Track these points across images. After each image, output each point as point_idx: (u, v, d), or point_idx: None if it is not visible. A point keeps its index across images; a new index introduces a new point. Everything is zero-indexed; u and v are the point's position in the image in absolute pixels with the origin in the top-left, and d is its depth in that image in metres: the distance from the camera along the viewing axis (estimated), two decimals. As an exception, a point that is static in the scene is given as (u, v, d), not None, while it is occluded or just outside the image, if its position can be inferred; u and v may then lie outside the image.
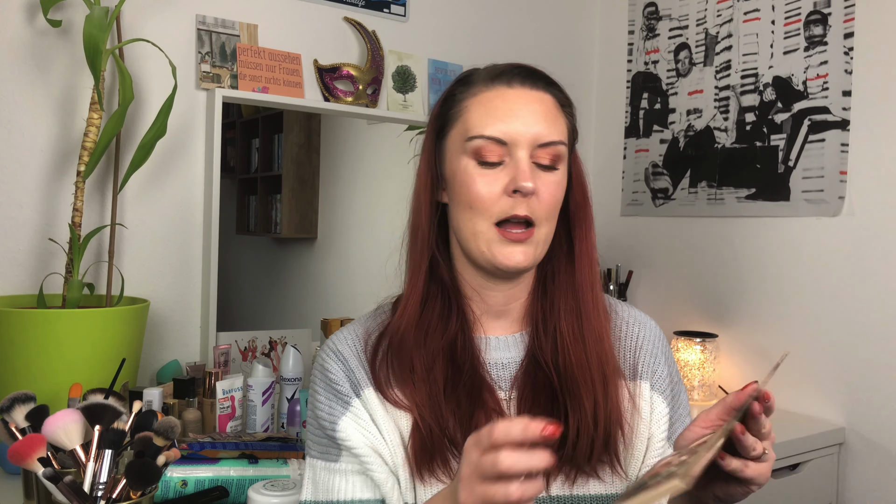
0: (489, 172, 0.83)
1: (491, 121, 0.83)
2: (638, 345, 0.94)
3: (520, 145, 0.83)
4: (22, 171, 1.52)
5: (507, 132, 0.83)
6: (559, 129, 0.85)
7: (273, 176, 2.01)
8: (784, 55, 1.90)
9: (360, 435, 0.86)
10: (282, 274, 2.09)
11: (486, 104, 0.84)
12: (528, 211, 0.82)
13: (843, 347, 1.78)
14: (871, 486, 1.75)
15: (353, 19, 1.92)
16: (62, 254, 1.49)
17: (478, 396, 0.85)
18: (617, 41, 2.36)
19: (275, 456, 1.23)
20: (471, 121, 0.85)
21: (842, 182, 1.78)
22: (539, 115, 0.84)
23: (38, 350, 1.31)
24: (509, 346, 0.90)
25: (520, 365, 0.89)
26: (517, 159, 0.82)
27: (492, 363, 0.89)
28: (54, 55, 1.54)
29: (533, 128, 0.83)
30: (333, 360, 0.90)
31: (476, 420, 0.83)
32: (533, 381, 0.87)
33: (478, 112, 0.85)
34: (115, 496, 0.89)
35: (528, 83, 0.86)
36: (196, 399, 1.45)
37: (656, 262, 2.23)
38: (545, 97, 0.86)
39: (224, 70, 1.71)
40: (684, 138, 2.14)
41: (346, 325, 0.95)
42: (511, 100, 0.84)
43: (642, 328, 0.96)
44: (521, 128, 0.83)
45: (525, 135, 0.83)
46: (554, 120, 0.85)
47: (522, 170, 0.82)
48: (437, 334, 0.87)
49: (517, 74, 0.86)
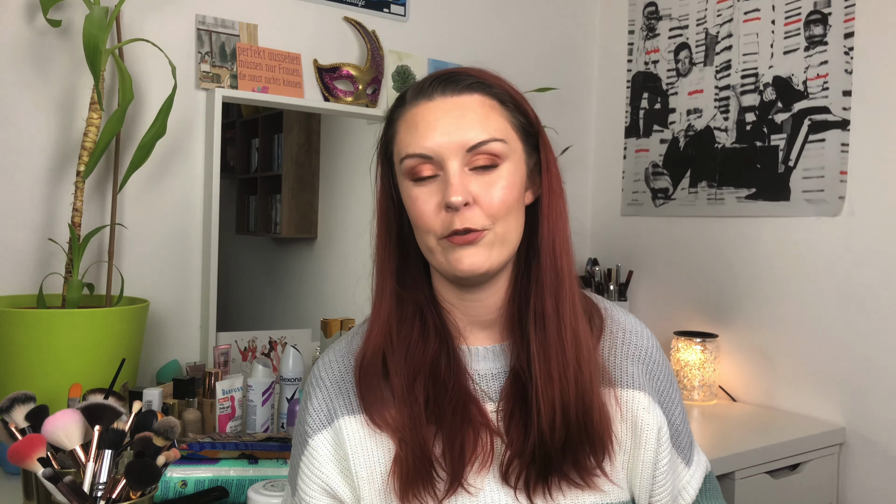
0: (424, 188, 0.82)
1: (414, 138, 0.82)
2: (632, 353, 0.91)
3: (446, 156, 0.81)
4: (22, 171, 1.52)
5: (429, 147, 0.81)
6: (492, 126, 0.82)
7: (273, 176, 2.01)
8: (784, 55, 1.90)
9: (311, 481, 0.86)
10: (282, 274, 2.09)
11: (410, 122, 0.83)
12: (468, 223, 0.80)
13: (843, 347, 1.78)
14: (871, 486, 1.75)
15: (353, 19, 1.91)
16: (62, 254, 1.49)
17: (464, 411, 0.83)
18: (617, 41, 2.36)
19: (275, 456, 1.23)
20: (401, 142, 0.84)
21: (842, 182, 1.78)
22: (462, 121, 0.81)
23: (38, 350, 1.31)
24: (496, 356, 0.89)
25: (507, 375, 0.87)
26: (446, 171, 0.81)
27: (480, 374, 0.88)
28: (54, 55, 1.54)
29: (455, 135, 0.81)
30: (313, 387, 0.90)
31: (463, 435, 0.82)
32: (515, 391, 0.85)
33: (404, 131, 0.84)
34: (115, 496, 0.89)
35: (449, 91, 0.83)
36: (196, 399, 1.45)
37: (656, 262, 2.22)
38: (470, 99, 0.83)
39: (224, 70, 1.71)
40: (684, 138, 2.14)
41: (335, 342, 0.95)
42: (431, 112, 0.82)
43: (638, 337, 0.93)
44: (442, 138, 0.81)
45: (447, 145, 0.81)
46: (483, 119, 0.82)
47: (450, 183, 0.80)
48: (417, 352, 0.85)
49: (437, 85, 0.84)
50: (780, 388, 1.91)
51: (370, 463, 0.84)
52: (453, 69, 0.87)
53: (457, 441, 0.82)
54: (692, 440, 0.96)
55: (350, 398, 0.87)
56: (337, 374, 0.89)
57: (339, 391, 0.88)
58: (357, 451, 0.84)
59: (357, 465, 0.84)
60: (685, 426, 0.94)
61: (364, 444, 0.85)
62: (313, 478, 0.86)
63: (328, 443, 0.86)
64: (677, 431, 0.92)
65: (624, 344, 0.91)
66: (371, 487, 0.84)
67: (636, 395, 0.88)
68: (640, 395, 0.88)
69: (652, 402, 0.89)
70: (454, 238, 0.81)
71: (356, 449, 0.84)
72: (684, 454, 0.93)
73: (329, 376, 0.90)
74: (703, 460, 0.97)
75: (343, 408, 0.86)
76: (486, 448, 0.83)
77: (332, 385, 0.88)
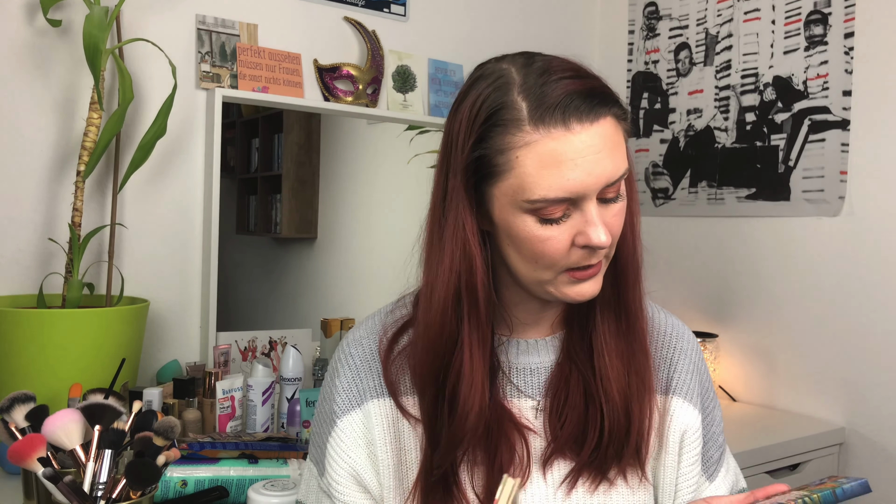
0: (556, 228, 0.73)
1: (554, 181, 0.70)
2: (674, 357, 0.87)
3: (588, 196, 0.72)
4: (22, 171, 1.52)
5: (574, 190, 0.71)
6: (622, 154, 0.74)
7: (273, 176, 2.01)
8: (784, 55, 1.90)
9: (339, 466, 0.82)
10: (282, 274, 2.09)
11: (544, 158, 0.70)
12: (601, 256, 0.76)
13: (843, 347, 1.78)
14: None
15: (353, 19, 1.91)
16: (62, 254, 1.49)
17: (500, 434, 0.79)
18: (617, 41, 2.36)
19: (275, 456, 1.23)
20: (527, 179, 0.71)
21: (842, 182, 1.78)
22: (604, 154, 0.71)
23: (38, 350, 1.31)
24: (539, 349, 0.85)
25: (552, 368, 0.84)
26: (585, 212, 0.72)
27: (518, 369, 0.84)
28: (54, 55, 1.54)
29: (601, 176, 0.71)
30: (341, 363, 0.86)
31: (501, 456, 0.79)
32: (567, 384, 0.82)
33: (534, 168, 0.70)
34: (115, 496, 0.89)
35: (589, 116, 0.70)
36: (196, 399, 1.45)
37: (656, 261, 2.22)
38: (606, 126, 0.72)
39: (224, 70, 1.71)
40: (684, 138, 2.14)
41: (365, 319, 0.90)
42: (574, 149, 0.70)
43: (680, 339, 0.88)
44: (588, 179, 0.71)
45: (593, 186, 0.71)
46: (617, 148, 0.73)
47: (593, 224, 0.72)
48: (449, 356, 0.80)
49: (574, 108, 0.70)
50: (780, 388, 1.91)
51: (399, 450, 0.81)
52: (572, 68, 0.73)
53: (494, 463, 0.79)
54: (723, 456, 0.90)
55: (380, 379, 0.83)
56: (367, 352, 0.85)
57: (368, 371, 0.84)
58: (386, 437, 0.81)
59: (384, 452, 0.81)
60: (716, 439, 0.89)
61: (395, 428, 0.82)
62: (341, 462, 0.82)
63: (358, 425, 0.82)
64: (706, 441, 0.87)
65: (664, 346, 0.88)
66: (397, 475, 0.81)
67: (666, 399, 0.85)
68: (671, 398, 0.85)
69: (684, 406, 0.85)
70: (578, 273, 0.76)
71: (385, 435, 0.81)
72: (708, 468, 0.88)
73: (359, 354, 0.85)
74: (729, 480, 0.90)
75: (373, 389, 0.83)
76: (523, 461, 0.80)
77: (363, 364, 0.84)
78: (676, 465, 0.84)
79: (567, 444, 0.81)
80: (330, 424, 0.84)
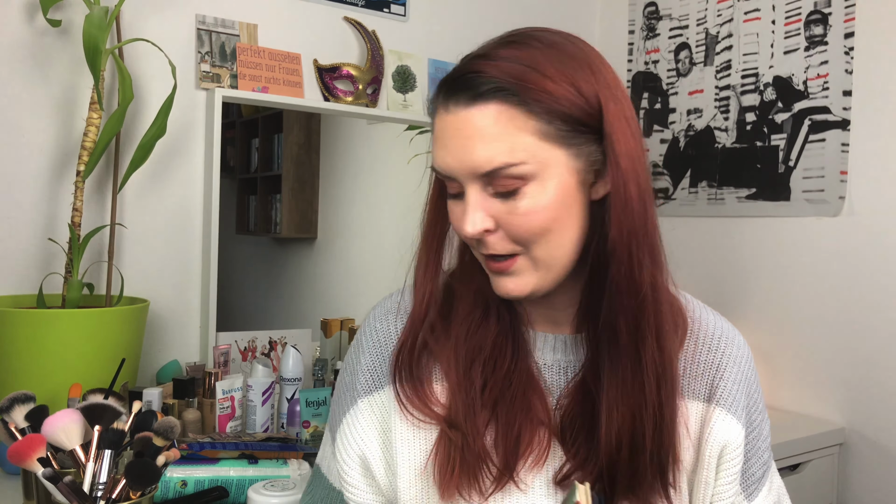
0: (452, 204, 0.73)
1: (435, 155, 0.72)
2: (721, 362, 0.80)
3: (462, 180, 0.70)
4: (22, 171, 1.52)
5: (441, 168, 0.71)
6: (506, 146, 0.67)
7: (273, 176, 2.01)
8: (784, 55, 1.90)
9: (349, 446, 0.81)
10: (282, 274, 2.09)
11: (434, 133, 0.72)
12: (491, 249, 0.71)
13: (843, 347, 1.78)
14: (871, 486, 1.75)
15: (353, 19, 1.91)
16: (62, 254, 1.49)
17: (524, 400, 0.75)
18: (617, 41, 2.36)
19: (274, 456, 1.23)
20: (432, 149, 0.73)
21: (842, 182, 1.78)
22: (469, 143, 0.68)
23: (38, 350, 1.31)
24: (567, 347, 0.79)
25: (578, 369, 0.78)
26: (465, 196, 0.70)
27: (546, 364, 0.79)
28: (54, 55, 1.54)
29: (465, 161, 0.68)
30: (367, 338, 0.84)
31: (520, 426, 0.74)
32: (580, 392, 0.76)
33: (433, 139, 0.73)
34: (115, 496, 0.89)
35: (462, 100, 0.68)
36: (196, 399, 1.45)
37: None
38: (482, 113, 0.67)
39: (224, 70, 1.71)
40: (685, 138, 2.14)
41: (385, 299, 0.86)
42: (444, 127, 0.70)
43: (730, 344, 0.81)
44: (453, 161, 0.69)
45: (459, 169, 0.69)
46: (495, 138, 0.67)
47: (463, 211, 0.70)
48: (479, 333, 0.77)
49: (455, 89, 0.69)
50: (780, 388, 1.91)
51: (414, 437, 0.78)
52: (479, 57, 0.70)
53: (513, 431, 0.74)
54: (766, 474, 0.84)
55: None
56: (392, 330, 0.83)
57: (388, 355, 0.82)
58: (401, 424, 0.78)
59: (398, 440, 0.78)
60: (761, 455, 0.82)
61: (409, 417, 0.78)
62: (352, 442, 0.80)
63: (377, 408, 0.80)
64: (749, 457, 0.81)
65: (709, 350, 0.80)
66: (410, 466, 0.77)
67: (708, 408, 0.78)
68: (713, 408, 0.78)
69: (727, 419, 0.78)
70: (489, 263, 0.73)
71: (400, 422, 0.78)
72: (748, 486, 0.81)
73: (384, 330, 0.83)
74: (771, 500, 0.84)
75: (389, 374, 0.80)
76: (543, 444, 0.75)
77: (384, 348, 0.82)
78: (713, 481, 0.78)
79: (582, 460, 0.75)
80: (350, 401, 0.83)
